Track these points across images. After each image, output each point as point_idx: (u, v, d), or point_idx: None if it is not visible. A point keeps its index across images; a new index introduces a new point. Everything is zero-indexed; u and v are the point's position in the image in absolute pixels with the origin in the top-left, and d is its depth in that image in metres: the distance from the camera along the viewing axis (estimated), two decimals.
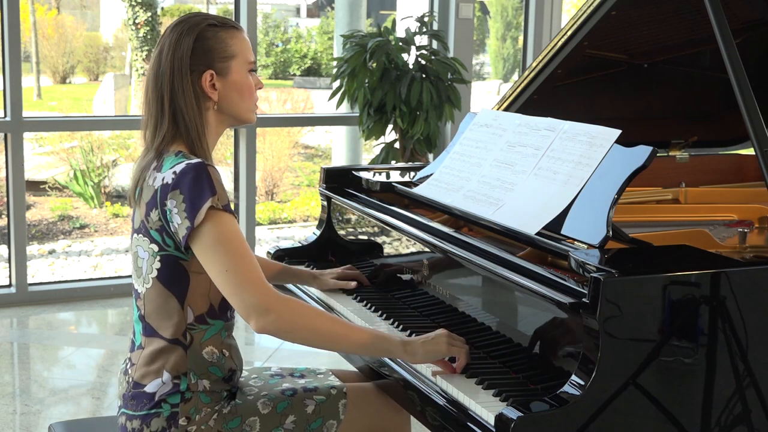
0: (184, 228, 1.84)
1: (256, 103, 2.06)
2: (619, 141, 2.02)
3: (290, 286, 2.61)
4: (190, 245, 1.86)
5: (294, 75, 15.10)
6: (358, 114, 5.22)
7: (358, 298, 2.44)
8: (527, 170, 2.18)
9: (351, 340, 1.91)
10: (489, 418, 1.72)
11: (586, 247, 1.89)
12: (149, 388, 1.93)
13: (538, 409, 1.64)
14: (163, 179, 1.88)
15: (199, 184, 1.84)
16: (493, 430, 1.68)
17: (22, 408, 3.57)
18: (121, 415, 1.97)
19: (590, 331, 1.67)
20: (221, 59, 1.97)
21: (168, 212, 1.86)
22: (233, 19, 2.05)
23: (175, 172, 1.86)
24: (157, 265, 1.91)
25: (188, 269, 1.90)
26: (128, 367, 2.00)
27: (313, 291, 2.51)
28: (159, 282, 1.92)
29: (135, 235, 1.97)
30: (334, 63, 5.27)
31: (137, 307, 1.98)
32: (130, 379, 1.97)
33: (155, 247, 1.91)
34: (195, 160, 1.87)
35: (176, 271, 1.91)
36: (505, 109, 2.80)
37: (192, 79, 1.94)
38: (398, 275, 2.42)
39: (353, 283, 2.46)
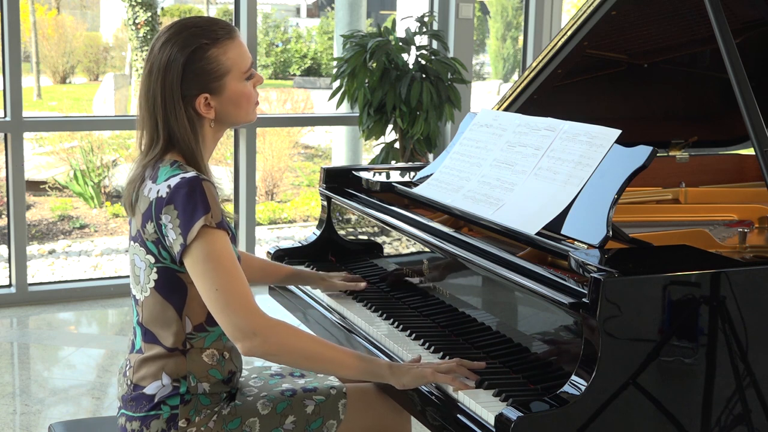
0: (178, 244, 1.83)
1: (257, 101, 2.00)
2: (619, 141, 2.02)
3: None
4: (183, 260, 1.85)
5: (294, 75, 15.10)
6: (358, 114, 5.22)
7: (358, 298, 2.44)
8: (527, 170, 2.18)
9: (338, 363, 1.90)
10: (489, 418, 1.72)
11: (586, 247, 1.89)
12: (149, 390, 1.92)
13: (538, 409, 1.64)
14: (158, 192, 1.87)
15: (192, 200, 1.82)
16: (493, 430, 1.68)
17: (22, 408, 3.57)
18: (121, 416, 1.97)
19: (590, 331, 1.67)
20: (214, 79, 1.91)
21: (163, 227, 1.85)
22: (229, 22, 1.96)
23: (169, 186, 1.85)
24: (154, 276, 1.91)
25: (185, 281, 1.90)
26: (127, 368, 1.99)
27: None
28: (156, 292, 1.91)
29: (132, 242, 1.96)
30: (334, 63, 5.27)
31: (136, 312, 1.98)
32: (130, 381, 1.96)
33: (151, 259, 1.90)
34: (189, 174, 1.85)
35: (173, 282, 1.90)
36: (505, 109, 2.80)
37: (185, 104, 1.90)
38: (398, 275, 2.42)
39: (362, 284, 2.44)
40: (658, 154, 1.97)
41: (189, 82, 1.90)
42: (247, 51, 1.98)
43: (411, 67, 5.11)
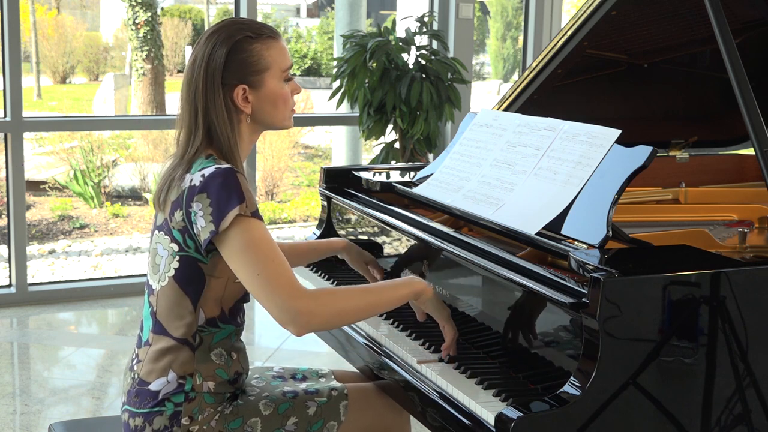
0: (207, 231, 1.84)
1: (293, 108, 2.05)
2: (619, 141, 2.02)
3: None
4: (219, 250, 1.86)
5: (294, 75, 15.10)
6: (358, 114, 5.22)
7: None
8: (527, 170, 2.18)
9: (384, 303, 1.95)
10: (489, 418, 1.72)
11: (586, 247, 1.89)
12: (153, 386, 1.93)
13: (538, 409, 1.64)
14: (191, 181, 1.88)
15: (227, 189, 1.84)
16: (493, 430, 1.68)
17: (22, 408, 3.57)
18: (125, 411, 1.97)
19: (590, 331, 1.67)
20: (254, 72, 1.96)
21: (193, 214, 1.86)
22: (269, 27, 2.04)
23: (203, 176, 1.86)
24: (176, 264, 1.92)
25: (205, 272, 1.91)
26: (135, 362, 2.00)
27: None
28: (175, 281, 1.92)
29: (156, 232, 1.97)
30: (334, 63, 5.27)
31: (150, 304, 1.99)
32: (136, 376, 1.97)
33: (175, 247, 1.91)
34: (225, 166, 1.88)
35: (194, 272, 1.91)
36: (505, 109, 2.80)
37: (224, 93, 1.94)
38: (398, 275, 2.42)
39: (378, 276, 2.42)
40: (658, 154, 1.97)
41: (230, 71, 1.94)
42: (289, 54, 2.03)
43: (411, 67, 5.11)
